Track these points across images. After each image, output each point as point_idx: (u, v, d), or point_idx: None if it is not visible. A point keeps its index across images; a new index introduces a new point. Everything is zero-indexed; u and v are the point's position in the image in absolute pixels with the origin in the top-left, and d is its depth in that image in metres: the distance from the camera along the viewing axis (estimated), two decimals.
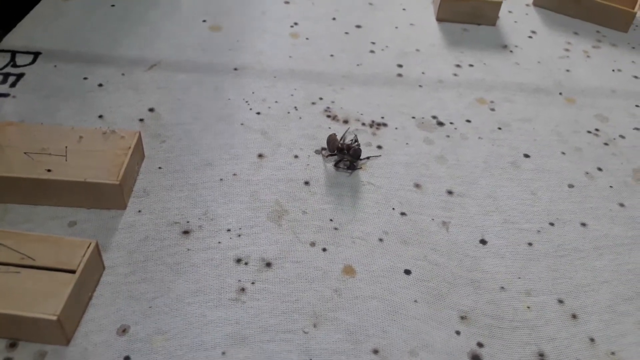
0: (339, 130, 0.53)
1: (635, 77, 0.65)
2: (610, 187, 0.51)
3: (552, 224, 0.47)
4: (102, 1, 0.70)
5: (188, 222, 0.45)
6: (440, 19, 0.72)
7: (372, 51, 0.66)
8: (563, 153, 0.54)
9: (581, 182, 0.51)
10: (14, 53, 0.60)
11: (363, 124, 0.55)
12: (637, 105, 0.60)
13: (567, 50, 0.69)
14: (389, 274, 0.42)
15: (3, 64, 0.58)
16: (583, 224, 0.47)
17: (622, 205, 0.49)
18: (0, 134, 0.46)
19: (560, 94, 0.61)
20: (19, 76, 0.57)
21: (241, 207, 0.46)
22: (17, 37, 0.63)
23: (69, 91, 0.56)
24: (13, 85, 0.56)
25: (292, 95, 0.58)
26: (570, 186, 0.50)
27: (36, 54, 0.60)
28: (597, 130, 0.57)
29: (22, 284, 0.36)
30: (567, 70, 0.65)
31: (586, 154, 0.54)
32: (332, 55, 0.64)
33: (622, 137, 0.56)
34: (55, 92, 0.56)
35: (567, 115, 0.58)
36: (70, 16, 0.67)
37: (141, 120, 0.54)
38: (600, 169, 0.52)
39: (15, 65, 0.58)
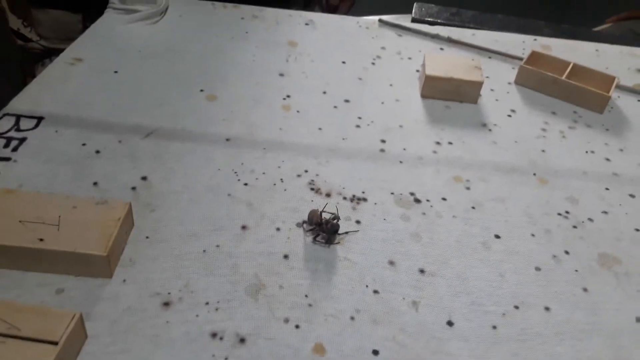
0: (321, 203, 0.56)
1: (607, 159, 0.68)
2: (576, 271, 0.53)
3: (516, 307, 0.49)
4: (106, 67, 0.74)
5: (169, 293, 0.47)
6: (424, 96, 0.76)
7: (357, 125, 0.69)
8: (532, 235, 0.56)
9: (548, 266, 0.53)
10: (18, 117, 0.64)
11: (344, 198, 0.58)
12: (606, 189, 0.63)
13: (544, 130, 0.72)
14: (357, 354, 0.44)
15: (7, 128, 0.62)
16: (547, 308, 0.49)
17: (585, 290, 0.51)
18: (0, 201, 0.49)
19: (534, 174, 0.64)
20: (21, 140, 0.61)
21: (221, 280, 0.48)
22: (23, 101, 0.66)
23: (67, 157, 0.59)
24: (15, 149, 0.59)
25: (279, 167, 0.61)
26: (537, 269, 0.53)
27: (39, 119, 0.64)
28: (567, 212, 0.60)
29: (6, 354, 0.38)
30: (543, 151, 0.68)
31: (555, 237, 0.56)
32: (320, 129, 0.68)
33: (590, 220, 0.59)
34: (55, 158, 0.59)
35: (539, 196, 0.61)
36: (75, 81, 0.71)
37: (133, 188, 0.57)
38: (567, 252, 0.55)
39: (18, 130, 0.62)
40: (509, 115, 0.74)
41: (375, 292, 0.49)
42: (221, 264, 0.50)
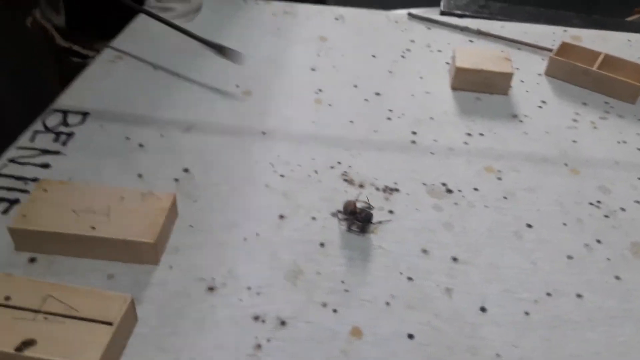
0: (354, 194, 0.58)
1: (639, 149, 0.68)
2: (608, 259, 0.54)
3: (549, 295, 0.50)
4: (145, 64, 0.77)
5: (213, 279, 0.49)
6: (454, 88, 0.77)
7: (388, 118, 0.71)
8: (564, 224, 0.57)
9: (580, 254, 0.54)
10: (65, 113, 0.67)
11: (377, 189, 0.60)
12: (639, 178, 0.63)
13: (575, 120, 0.72)
14: (393, 337, 0.46)
15: (56, 123, 0.65)
16: (579, 296, 0.50)
17: (618, 278, 0.52)
18: (53, 192, 0.52)
19: (566, 164, 0.65)
20: (69, 135, 0.64)
21: (262, 266, 0.51)
22: (69, 98, 0.70)
23: (112, 150, 0.62)
24: (64, 144, 0.63)
25: (313, 159, 0.63)
26: (569, 257, 0.54)
27: (85, 114, 0.67)
28: (598, 202, 0.60)
29: (66, 333, 0.41)
30: (574, 141, 0.69)
31: (586, 226, 0.57)
32: (351, 122, 0.70)
33: (622, 209, 0.59)
34: (101, 151, 0.62)
35: (570, 186, 0.62)
36: (116, 77, 0.74)
37: (176, 180, 0.59)
38: (599, 242, 0.56)
39: (66, 125, 0.65)
40: (540, 107, 0.75)
41: (410, 279, 0.50)
42: (261, 251, 0.52)
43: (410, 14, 0.94)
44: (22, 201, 0.54)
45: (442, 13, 1.00)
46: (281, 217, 0.56)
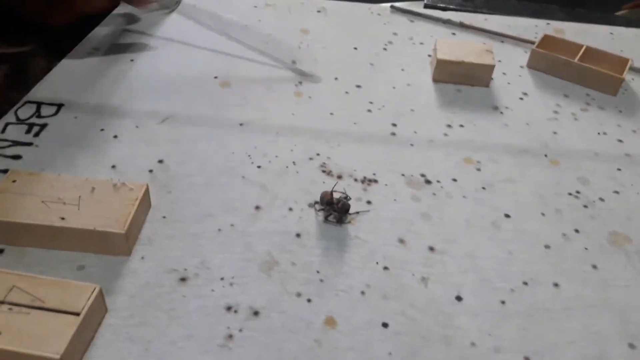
0: (332, 185, 0.57)
1: (620, 140, 0.68)
2: (586, 249, 0.53)
3: (525, 284, 0.50)
4: (122, 56, 0.76)
5: (185, 269, 0.48)
6: (436, 80, 0.76)
7: (369, 110, 0.70)
8: (543, 214, 0.57)
9: (557, 244, 0.54)
10: (39, 104, 0.66)
11: (355, 180, 0.59)
12: (618, 169, 0.63)
13: (556, 112, 0.72)
14: (367, 326, 0.45)
15: (29, 115, 0.64)
16: (555, 285, 0.50)
17: (595, 267, 0.52)
18: (23, 183, 0.51)
19: (546, 155, 0.65)
20: (42, 126, 0.63)
21: (235, 257, 0.50)
22: (43, 89, 0.69)
23: (86, 141, 0.61)
24: (37, 135, 0.61)
25: (291, 150, 0.63)
26: (547, 247, 0.53)
27: (59, 106, 0.66)
28: (577, 192, 0.60)
29: (31, 324, 0.40)
30: (554, 133, 0.68)
31: (565, 216, 0.57)
32: (331, 114, 0.69)
33: (601, 199, 0.59)
34: (74, 142, 0.61)
35: (550, 177, 0.62)
36: (93, 69, 0.73)
37: (150, 171, 0.58)
38: (577, 231, 0.55)
39: (40, 116, 0.64)
40: (521, 99, 0.75)
41: (385, 268, 0.50)
42: (236, 242, 0.51)
43: (392, 7, 0.93)
44: None
45: (426, 6, 0.99)
46: (257, 208, 0.55)
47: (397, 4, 0.95)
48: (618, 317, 0.48)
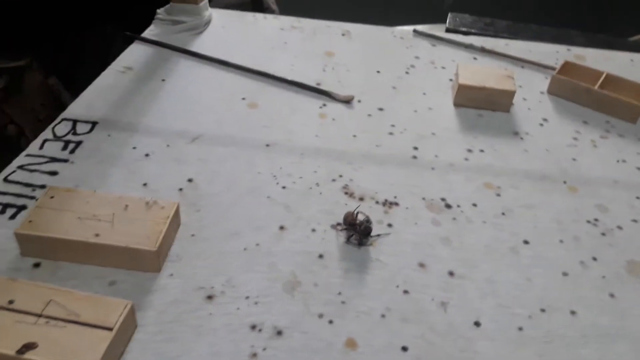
0: (354, 207, 0.59)
1: (639, 168, 0.69)
2: (603, 277, 0.54)
3: (543, 310, 0.51)
4: (154, 75, 0.79)
5: (212, 287, 0.50)
6: (457, 105, 0.78)
7: (391, 133, 0.72)
8: (561, 241, 0.58)
9: (575, 271, 0.55)
10: (75, 122, 0.69)
11: (377, 202, 0.61)
12: (637, 197, 0.64)
13: (575, 139, 0.73)
14: (387, 349, 0.46)
15: (66, 132, 0.67)
16: (572, 312, 0.51)
17: (612, 296, 0.52)
18: (60, 199, 0.54)
19: (565, 182, 0.66)
20: (78, 143, 0.65)
21: (260, 276, 0.52)
22: (79, 107, 0.72)
23: (119, 159, 0.64)
24: (72, 152, 0.64)
25: (315, 172, 0.65)
26: (565, 274, 0.54)
27: (94, 123, 0.69)
28: (596, 220, 0.61)
29: (66, 337, 0.42)
30: (574, 159, 0.69)
31: (583, 244, 0.58)
32: (354, 136, 0.71)
33: (619, 228, 0.60)
34: (108, 160, 0.64)
35: (568, 204, 0.62)
36: (125, 88, 0.76)
37: (180, 189, 0.60)
38: (595, 259, 0.56)
39: (75, 134, 0.67)
40: (541, 124, 0.76)
41: (406, 292, 0.51)
42: (260, 261, 0.53)
43: (415, 31, 0.95)
44: (29, 207, 0.56)
45: (448, 30, 1.01)
46: (281, 228, 0.57)
47: (419, 28, 0.96)
48: (634, 346, 0.48)
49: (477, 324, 0.49)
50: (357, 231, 0.55)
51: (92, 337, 0.43)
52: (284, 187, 0.62)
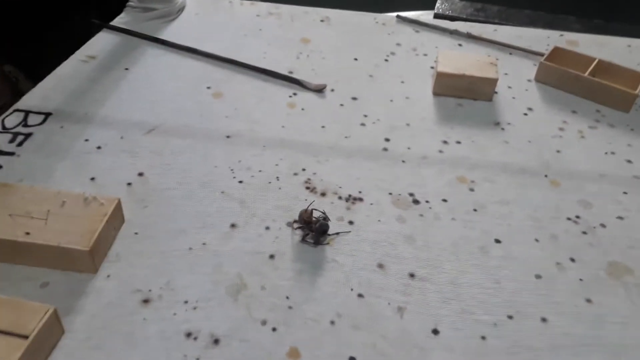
0: (316, 203, 0.55)
1: (629, 161, 0.64)
2: (580, 280, 0.50)
3: (510, 317, 0.46)
4: (118, 64, 0.75)
5: (150, 290, 0.47)
6: (436, 93, 0.73)
7: (362, 124, 0.67)
8: (536, 240, 0.53)
9: (550, 273, 0.50)
10: (27, 113, 0.65)
11: (339, 198, 0.57)
12: (625, 192, 0.59)
13: (561, 129, 0.68)
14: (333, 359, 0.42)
15: (15, 124, 0.63)
16: (544, 319, 0.46)
17: (589, 301, 0.48)
18: None
19: (546, 176, 0.61)
20: (27, 136, 0.62)
21: (203, 278, 0.48)
22: (34, 97, 0.68)
23: (68, 152, 0.60)
24: (20, 144, 0.61)
25: (276, 165, 0.60)
26: (538, 277, 0.50)
27: (47, 115, 0.65)
28: (577, 217, 0.56)
29: None
30: (558, 151, 0.64)
31: (561, 243, 0.53)
32: (323, 127, 0.66)
33: (602, 226, 0.55)
34: (56, 153, 0.60)
35: (548, 200, 0.58)
36: (86, 77, 0.72)
37: (129, 184, 0.57)
38: (573, 260, 0.51)
39: (26, 125, 0.63)
40: (525, 114, 0.71)
41: (360, 295, 0.47)
42: (205, 262, 0.49)
43: (399, 17, 0.90)
44: None
45: (436, 16, 0.96)
46: (233, 226, 0.53)
47: (403, 14, 0.91)
48: (612, 358, 0.44)
49: (435, 331, 0.45)
50: (313, 229, 0.51)
51: (6, 345, 0.39)
52: (240, 182, 0.58)
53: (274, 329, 0.44)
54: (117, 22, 0.85)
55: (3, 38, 0.78)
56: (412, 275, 0.49)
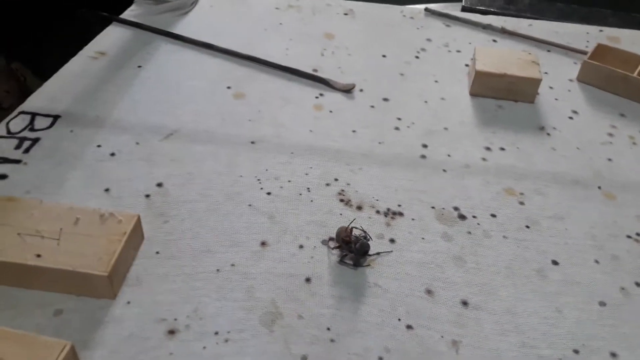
0: (351, 217, 0.50)
1: None
2: None
3: (576, 352, 0.41)
4: (130, 62, 0.70)
5: (176, 319, 0.42)
6: (474, 94, 0.68)
7: (396, 128, 0.62)
8: (596, 261, 0.48)
9: (615, 300, 0.45)
10: (34, 115, 0.60)
11: (377, 212, 0.52)
12: None
13: (610, 135, 0.63)
14: None
15: (21, 128, 0.58)
16: (613, 355, 0.41)
17: None
18: None
19: (599, 187, 0.56)
20: (34, 141, 0.57)
21: (234, 305, 0.43)
22: (40, 98, 0.63)
23: (80, 160, 0.55)
24: (26, 151, 0.56)
25: (306, 174, 0.56)
26: (602, 304, 0.45)
27: (55, 117, 0.60)
28: (638, 234, 0.51)
29: None
30: (609, 160, 0.60)
31: (624, 264, 0.48)
32: (354, 131, 0.61)
33: None
34: (67, 160, 0.55)
35: (605, 215, 0.53)
36: (96, 76, 0.67)
37: (147, 196, 0.52)
38: (638, 285, 0.47)
39: (32, 129, 0.58)
40: (571, 117, 0.66)
41: (409, 327, 0.42)
42: (235, 287, 0.44)
43: (427, 10, 0.85)
44: None
45: (464, 9, 0.91)
46: (263, 244, 0.48)
47: (431, 6, 0.86)
48: None
49: None
50: (352, 250, 0.46)
51: None
52: (268, 193, 0.53)
53: None
54: (127, 14, 0.80)
55: (8, 35, 0.73)
56: (464, 303, 0.44)
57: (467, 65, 0.74)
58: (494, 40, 0.80)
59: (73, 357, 0.38)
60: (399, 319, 0.43)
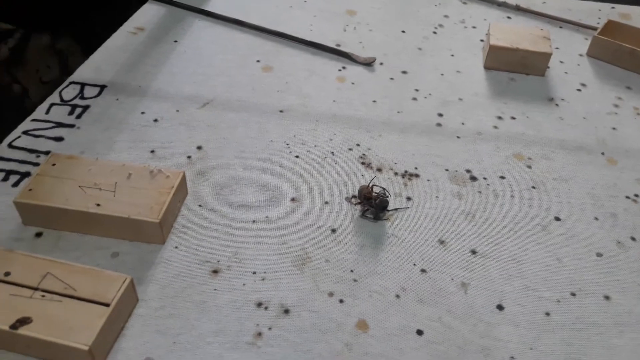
0: (371, 177, 0.55)
1: None
2: None
3: (573, 294, 0.46)
4: (166, 36, 0.75)
5: (218, 261, 0.48)
6: (488, 67, 0.72)
7: (414, 98, 0.67)
8: (596, 218, 0.53)
9: (611, 252, 0.50)
10: (83, 85, 0.66)
11: (396, 173, 0.57)
12: None
13: (616, 106, 0.67)
14: (401, 332, 0.43)
15: (73, 96, 0.64)
16: (607, 297, 0.46)
17: None
18: (62, 167, 0.51)
19: (602, 153, 0.60)
20: (85, 108, 0.63)
21: (269, 250, 0.49)
22: (87, 70, 0.69)
23: (126, 125, 0.61)
24: (79, 117, 0.62)
25: (331, 140, 0.61)
26: (599, 255, 0.50)
27: (102, 87, 0.66)
28: (636, 195, 0.56)
29: (62, 313, 0.40)
30: (613, 128, 0.64)
31: (621, 221, 0.53)
32: (374, 101, 0.66)
33: None
34: (115, 125, 0.61)
35: (606, 178, 0.57)
36: (136, 50, 0.73)
37: (189, 157, 0.58)
38: (633, 239, 0.51)
39: (83, 98, 0.64)
40: (579, 90, 0.70)
41: (423, 271, 0.48)
42: (270, 235, 0.50)
43: None
44: (33, 174, 0.54)
45: None
46: (293, 200, 0.54)
47: None
48: None
49: (500, 307, 0.45)
50: (373, 205, 0.51)
51: (89, 313, 0.41)
52: (297, 156, 0.58)
53: (341, 301, 0.45)
54: None
55: (54, 14, 0.78)
56: (473, 252, 0.49)
57: (482, 40, 0.78)
58: (509, 17, 0.83)
59: (132, 289, 0.44)
60: (414, 264, 0.48)
